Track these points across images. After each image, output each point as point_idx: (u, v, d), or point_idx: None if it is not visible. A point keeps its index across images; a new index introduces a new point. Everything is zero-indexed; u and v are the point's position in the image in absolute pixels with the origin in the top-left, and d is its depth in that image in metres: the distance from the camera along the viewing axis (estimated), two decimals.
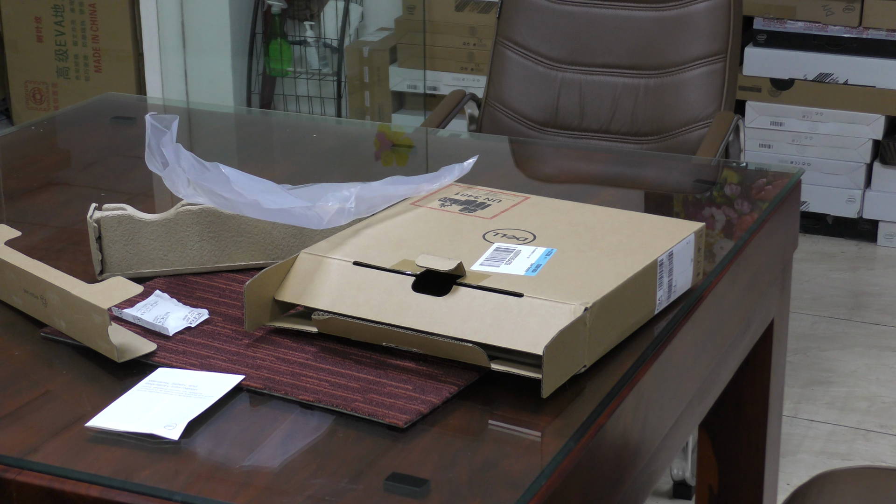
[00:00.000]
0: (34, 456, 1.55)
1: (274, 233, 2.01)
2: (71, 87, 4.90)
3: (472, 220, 1.95)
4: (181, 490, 1.49)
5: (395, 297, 1.75)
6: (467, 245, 1.86)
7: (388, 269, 1.78)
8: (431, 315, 1.72)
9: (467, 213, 1.98)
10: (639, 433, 1.77)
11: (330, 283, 1.80)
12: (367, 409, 1.63)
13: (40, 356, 1.80)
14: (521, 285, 1.72)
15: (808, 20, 4.42)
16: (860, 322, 3.98)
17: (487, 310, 1.70)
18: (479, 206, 2.00)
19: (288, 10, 4.70)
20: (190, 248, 2.00)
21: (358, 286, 1.78)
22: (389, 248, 1.84)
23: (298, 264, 1.84)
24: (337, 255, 1.83)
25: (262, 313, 1.81)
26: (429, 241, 1.87)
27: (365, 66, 4.65)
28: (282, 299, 1.82)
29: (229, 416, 1.65)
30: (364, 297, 1.77)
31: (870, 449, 3.34)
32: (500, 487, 1.49)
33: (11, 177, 2.47)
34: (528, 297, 1.69)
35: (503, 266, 1.78)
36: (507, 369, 1.67)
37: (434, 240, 1.88)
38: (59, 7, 4.82)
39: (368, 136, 3.07)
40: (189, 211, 2.00)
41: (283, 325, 1.82)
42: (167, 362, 1.75)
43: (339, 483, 1.50)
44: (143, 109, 3.12)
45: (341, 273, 1.80)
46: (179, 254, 2.00)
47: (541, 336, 1.63)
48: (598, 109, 3.32)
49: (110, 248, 1.99)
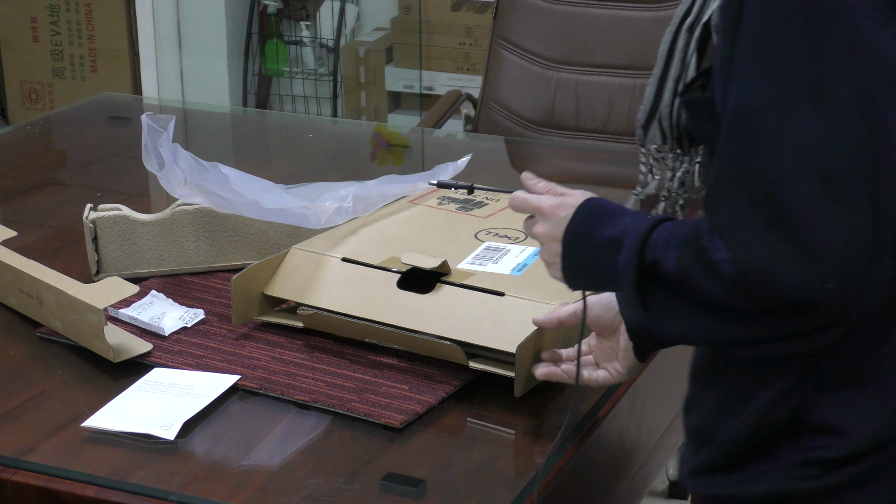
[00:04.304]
0: (30, 456, 1.55)
1: (270, 232, 2.01)
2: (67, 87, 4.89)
3: (466, 218, 1.96)
4: (177, 490, 1.49)
5: (381, 293, 1.75)
6: (458, 243, 1.86)
7: (374, 265, 1.78)
8: (414, 312, 1.72)
9: (463, 211, 1.99)
10: (634, 433, 1.77)
11: (318, 278, 1.80)
12: (363, 410, 1.63)
13: (36, 356, 1.80)
14: (504, 284, 1.72)
15: None
16: None
17: (469, 308, 1.70)
18: (475, 205, 2.01)
19: (284, 10, 4.70)
20: (186, 247, 2.00)
21: (345, 282, 1.79)
22: (380, 246, 1.85)
23: (289, 260, 1.84)
24: (327, 252, 1.83)
25: (251, 307, 1.82)
26: (420, 239, 1.87)
27: (361, 66, 4.65)
28: (271, 294, 1.82)
29: (225, 416, 1.65)
30: (350, 294, 1.77)
31: None
32: (495, 487, 1.49)
33: (7, 177, 2.47)
34: (509, 297, 1.70)
35: (490, 265, 1.79)
36: (484, 367, 1.67)
37: (426, 238, 1.89)
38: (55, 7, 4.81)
39: (364, 136, 3.07)
40: (185, 211, 2.00)
41: (270, 320, 1.82)
42: (163, 362, 1.75)
43: (335, 483, 1.50)
44: (139, 109, 3.12)
45: (329, 269, 1.81)
46: (176, 254, 2.00)
47: (519, 335, 1.63)
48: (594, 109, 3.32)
49: (106, 249, 1.98)
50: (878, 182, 1.09)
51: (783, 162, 1.10)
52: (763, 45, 1.11)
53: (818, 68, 1.09)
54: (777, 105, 1.10)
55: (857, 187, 1.09)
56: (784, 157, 1.10)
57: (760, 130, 1.11)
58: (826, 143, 1.09)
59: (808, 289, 1.10)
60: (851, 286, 1.10)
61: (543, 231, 1.39)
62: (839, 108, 1.09)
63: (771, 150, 1.10)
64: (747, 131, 1.12)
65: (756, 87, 1.11)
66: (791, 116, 1.09)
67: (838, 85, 1.08)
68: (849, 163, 1.09)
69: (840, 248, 1.09)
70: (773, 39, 1.11)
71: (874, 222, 1.10)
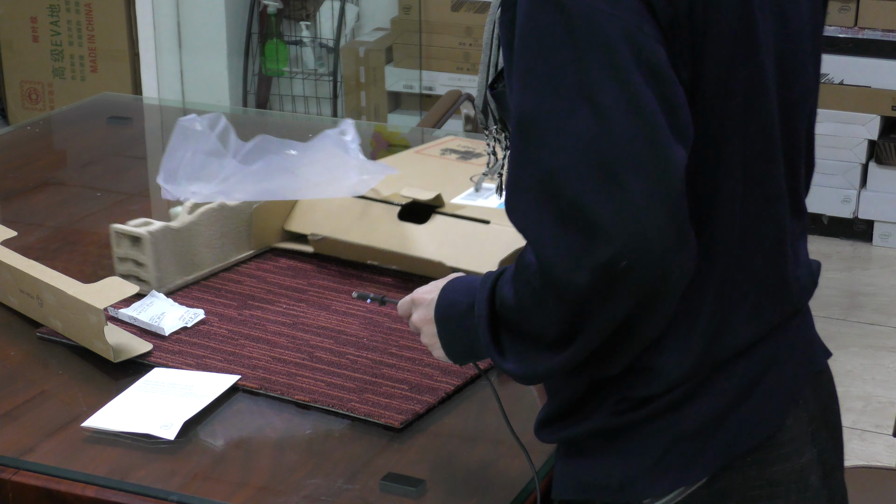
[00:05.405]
0: (30, 456, 1.55)
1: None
2: (67, 87, 4.89)
3: (465, 165, 2.19)
4: (177, 490, 1.49)
5: (384, 223, 1.99)
6: (454, 184, 2.08)
7: (378, 199, 2.02)
8: (412, 240, 1.95)
9: (463, 160, 2.21)
10: None
11: (331, 212, 2.03)
12: (363, 410, 1.63)
13: (36, 356, 1.80)
14: (490, 215, 1.94)
15: None
16: (855, 322, 3.99)
17: (459, 236, 1.92)
18: (475, 156, 2.24)
19: (284, 10, 4.70)
20: (214, 246, 1.99)
21: (354, 214, 2.01)
22: (383, 185, 2.04)
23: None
24: None
25: (269, 236, 2.06)
26: (422, 179, 2.09)
27: (361, 66, 4.65)
28: (289, 229, 2.06)
29: (225, 416, 1.65)
30: (357, 224, 2.00)
31: (865, 449, 3.34)
32: (495, 487, 1.49)
33: (7, 177, 2.47)
34: (494, 225, 1.92)
35: (480, 200, 2.02)
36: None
37: (427, 179, 2.11)
38: (55, 7, 4.81)
39: (364, 136, 3.07)
40: (210, 209, 1.99)
41: (283, 246, 2.06)
42: (163, 362, 1.75)
43: (334, 483, 1.50)
44: (139, 109, 3.12)
45: (342, 203, 2.03)
46: (207, 254, 1.99)
47: (505, 261, 1.80)
48: None
49: (162, 261, 1.94)
50: (656, 164, 1.19)
51: (566, 160, 1.20)
52: (534, 56, 1.22)
53: (585, 73, 1.20)
54: (554, 110, 1.21)
55: (634, 174, 1.19)
56: (566, 156, 1.20)
57: (542, 135, 1.21)
58: (601, 138, 1.19)
59: (605, 268, 1.20)
60: (649, 261, 1.20)
61: (419, 317, 1.47)
62: (609, 105, 1.19)
63: (553, 151, 1.21)
64: (529, 136, 1.22)
65: (533, 95, 1.22)
66: (567, 119, 1.20)
67: (604, 86, 1.19)
68: (624, 153, 1.19)
69: (629, 230, 1.19)
70: (542, 51, 1.21)
71: (661, 202, 1.20)
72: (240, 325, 1.84)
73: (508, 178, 1.26)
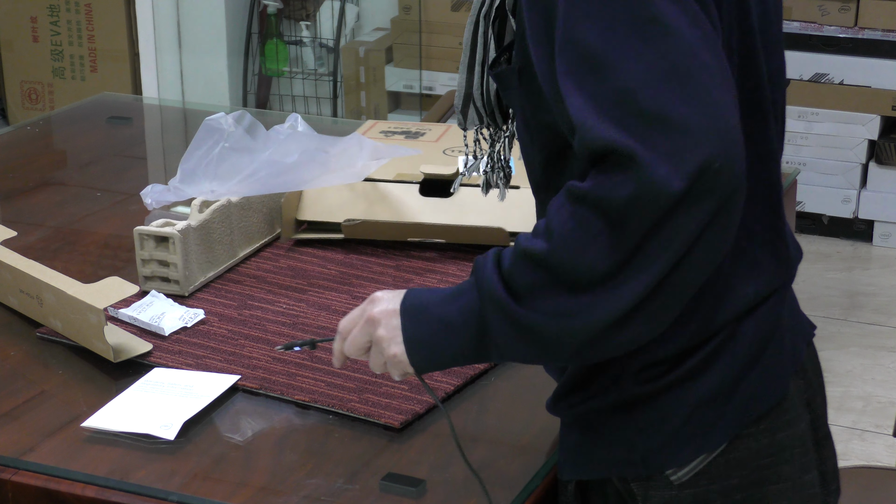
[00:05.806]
0: (30, 456, 1.55)
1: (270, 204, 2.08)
2: (67, 87, 4.89)
3: (423, 144, 2.19)
4: (177, 490, 1.49)
5: (408, 201, 2.00)
6: (440, 160, 2.10)
7: (392, 180, 2.03)
8: (445, 212, 1.98)
9: (413, 139, 2.22)
10: None
11: (343, 199, 2.03)
12: (363, 410, 1.63)
13: (36, 356, 1.80)
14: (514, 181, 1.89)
15: (804, 20, 4.43)
16: (855, 322, 3.98)
17: (497, 204, 1.89)
18: (416, 134, 2.25)
19: (284, 10, 4.70)
20: (225, 242, 2.00)
21: (371, 199, 2.02)
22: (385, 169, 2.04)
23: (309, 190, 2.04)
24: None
25: (292, 228, 2.07)
26: (406, 160, 2.08)
27: (361, 66, 4.65)
28: (302, 218, 2.06)
29: (225, 416, 1.65)
30: (384, 205, 2.01)
31: (865, 449, 3.34)
32: (495, 487, 1.49)
33: (7, 177, 2.47)
34: (524, 189, 1.83)
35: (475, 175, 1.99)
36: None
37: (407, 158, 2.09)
38: (55, 7, 4.81)
39: None
40: (220, 206, 1.99)
41: (309, 237, 2.06)
42: (163, 362, 1.75)
43: (334, 483, 1.50)
44: (139, 109, 3.12)
45: (352, 189, 2.03)
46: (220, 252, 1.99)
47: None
48: None
49: (189, 260, 1.94)
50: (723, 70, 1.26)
51: (643, 77, 1.25)
52: None
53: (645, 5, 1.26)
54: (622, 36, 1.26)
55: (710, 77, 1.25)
56: (642, 74, 1.25)
57: (614, 61, 1.25)
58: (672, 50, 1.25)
59: (701, 170, 1.22)
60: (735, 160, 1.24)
61: (378, 309, 1.41)
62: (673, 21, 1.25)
63: (628, 73, 1.25)
64: (599, 66, 1.26)
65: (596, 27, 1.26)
66: (637, 41, 1.25)
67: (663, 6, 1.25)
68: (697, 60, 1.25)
69: (718, 126, 1.23)
70: None
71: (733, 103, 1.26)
72: (240, 325, 1.84)
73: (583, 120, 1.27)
